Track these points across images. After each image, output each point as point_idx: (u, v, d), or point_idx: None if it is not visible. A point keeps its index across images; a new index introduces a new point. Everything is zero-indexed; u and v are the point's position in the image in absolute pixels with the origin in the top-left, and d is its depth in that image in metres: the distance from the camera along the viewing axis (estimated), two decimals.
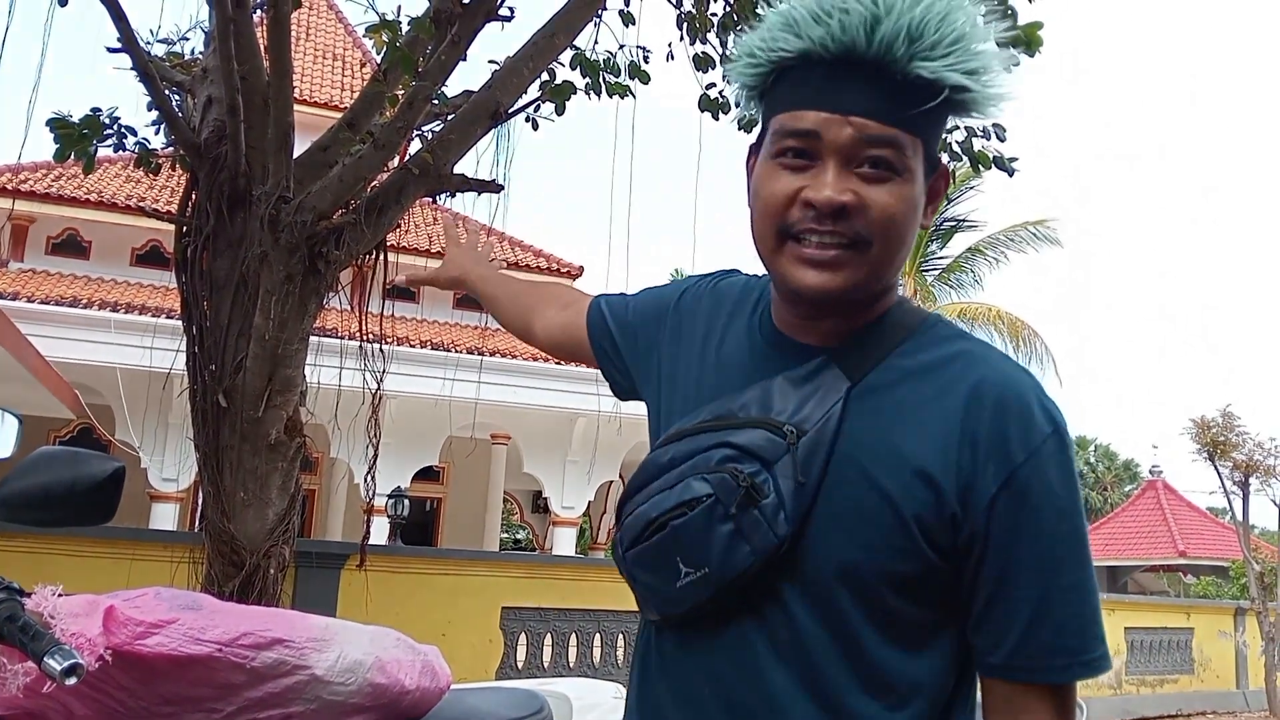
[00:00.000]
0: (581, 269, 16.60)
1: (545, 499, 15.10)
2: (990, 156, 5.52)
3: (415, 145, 5.50)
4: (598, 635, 8.96)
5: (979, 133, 5.49)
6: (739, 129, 6.77)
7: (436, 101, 5.43)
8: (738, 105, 1.12)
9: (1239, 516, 14.35)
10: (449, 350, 12.85)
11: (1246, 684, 13.71)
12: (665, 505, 1.01)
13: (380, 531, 12.59)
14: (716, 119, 6.44)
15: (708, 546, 0.98)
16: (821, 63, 0.98)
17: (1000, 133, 5.46)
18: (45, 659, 1.25)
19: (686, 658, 1.07)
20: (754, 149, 1.09)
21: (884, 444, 0.98)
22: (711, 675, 1.03)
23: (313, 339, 5.00)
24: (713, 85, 6.33)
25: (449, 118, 5.45)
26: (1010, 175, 5.59)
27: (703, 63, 6.38)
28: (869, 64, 0.97)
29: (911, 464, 0.97)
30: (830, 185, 0.97)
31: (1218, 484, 14.07)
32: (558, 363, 13.54)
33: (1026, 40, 4.90)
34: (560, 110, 5.70)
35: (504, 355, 13.11)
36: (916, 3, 0.96)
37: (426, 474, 15.34)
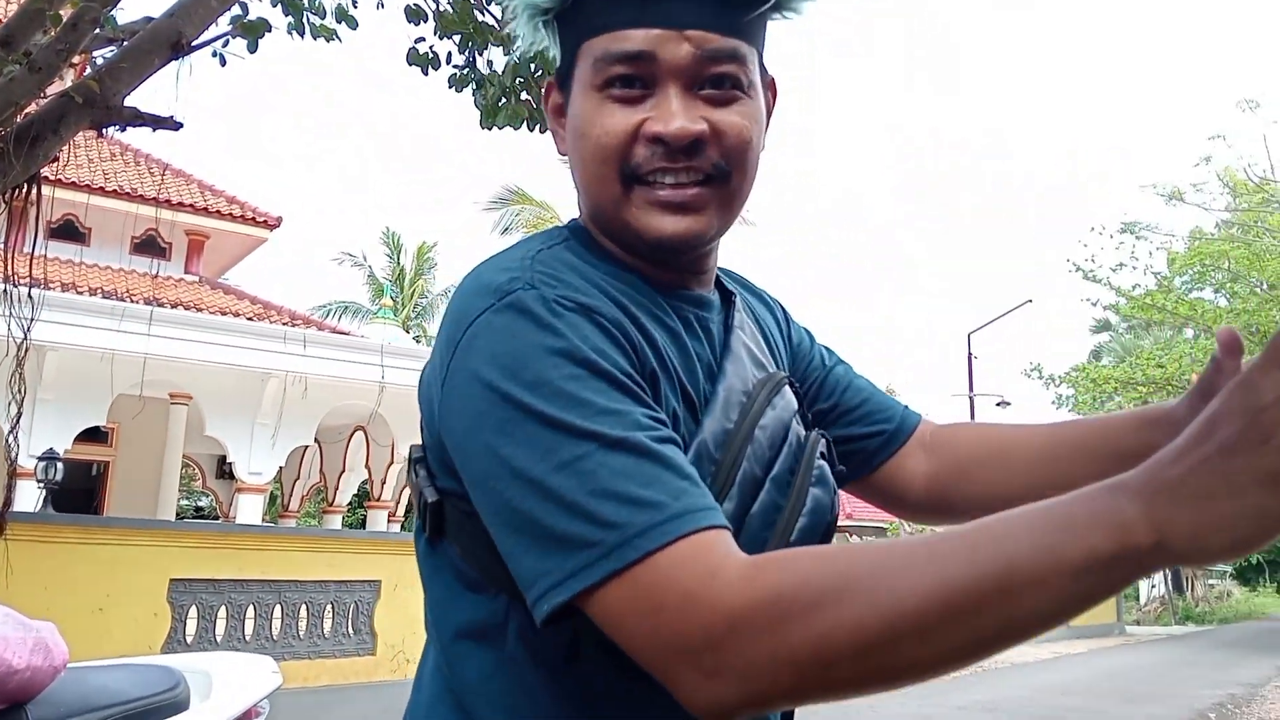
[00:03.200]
0: (280, 220, 15.72)
1: (230, 464, 14.23)
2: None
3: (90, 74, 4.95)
4: (278, 607, 8.59)
5: None
6: (449, 87, 6.69)
7: (108, 26, 4.92)
8: (516, 39, 0.95)
9: None
10: (120, 299, 11.75)
11: None
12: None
13: (29, 497, 11.34)
14: (426, 74, 6.27)
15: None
16: None
17: None
18: None
19: None
20: (560, 83, 0.93)
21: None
22: None
23: None
24: (422, 39, 6.15)
25: (123, 44, 4.96)
26: None
27: (414, 14, 6.18)
28: None
29: None
30: (679, 114, 0.83)
31: None
32: (248, 318, 12.78)
33: None
34: (253, 48, 5.32)
35: (185, 307, 12.19)
36: None
37: (94, 435, 13.99)
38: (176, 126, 4.91)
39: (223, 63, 5.44)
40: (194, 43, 4.82)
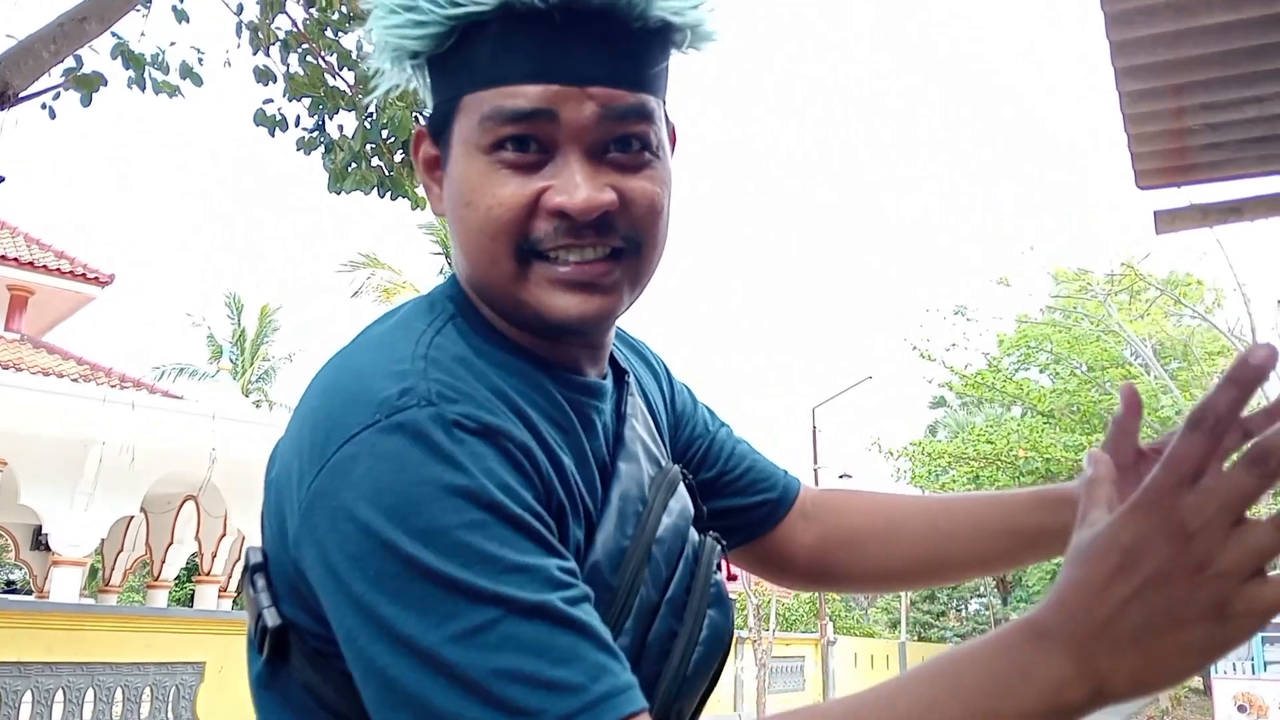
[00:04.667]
0: (112, 277, 14.97)
1: (45, 535, 13.24)
2: None
3: None
4: (90, 691, 7.98)
5: None
6: (298, 150, 6.57)
7: None
8: (378, 75, 0.80)
9: None
10: None
11: (743, 707, 15.46)
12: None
13: None
14: (273, 135, 6.16)
15: None
16: (531, 17, 0.71)
17: None
18: None
19: None
20: (434, 135, 0.80)
21: None
22: None
23: None
24: (270, 101, 6.04)
25: None
26: None
27: (263, 75, 6.09)
28: (595, 14, 0.72)
29: None
30: (584, 184, 0.72)
31: None
32: (73, 379, 12.04)
33: None
34: (86, 102, 5.11)
35: (3, 367, 11.41)
36: None
37: None
38: None
39: (52, 115, 5.20)
40: (22, 94, 4.59)
